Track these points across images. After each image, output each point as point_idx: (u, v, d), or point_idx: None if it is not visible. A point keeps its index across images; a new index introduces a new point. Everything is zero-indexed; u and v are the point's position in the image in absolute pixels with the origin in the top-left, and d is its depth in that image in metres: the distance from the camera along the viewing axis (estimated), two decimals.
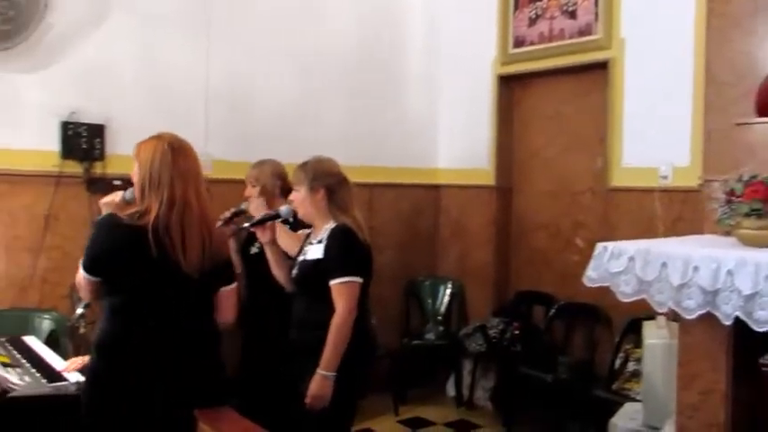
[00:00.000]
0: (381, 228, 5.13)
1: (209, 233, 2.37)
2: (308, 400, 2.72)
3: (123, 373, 2.28)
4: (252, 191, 3.69)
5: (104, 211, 2.51)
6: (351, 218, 2.89)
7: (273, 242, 3.02)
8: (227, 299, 2.49)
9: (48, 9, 3.89)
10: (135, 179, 2.40)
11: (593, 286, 2.71)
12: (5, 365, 2.72)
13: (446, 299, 5.35)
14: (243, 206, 3.60)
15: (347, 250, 2.81)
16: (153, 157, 2.34)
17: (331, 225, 2.89)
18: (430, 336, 5.22)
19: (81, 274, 2.34)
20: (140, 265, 2.27)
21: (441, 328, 5.26)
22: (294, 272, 2.96)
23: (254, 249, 3.68)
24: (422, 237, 5.52)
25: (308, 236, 3.08)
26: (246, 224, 3.06)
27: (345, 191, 2.93)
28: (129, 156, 3.98)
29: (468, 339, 4.88)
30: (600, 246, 2.66)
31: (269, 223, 3.00)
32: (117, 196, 2.53)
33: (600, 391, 4.08)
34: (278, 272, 3.04)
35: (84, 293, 2.38)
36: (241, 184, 3.81)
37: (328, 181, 2.91)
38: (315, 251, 2.87)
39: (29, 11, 3.80)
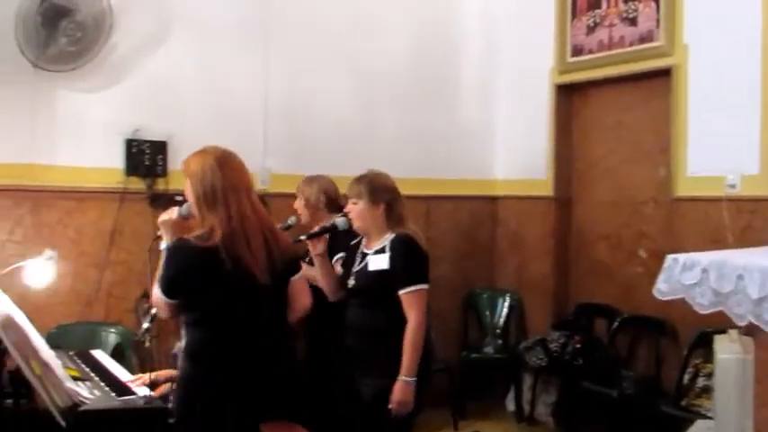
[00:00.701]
0: (439, 239, 5.10)
1: (273, 237, 2.43)
2: (393, 407, 2.78)
3: (214, 382, 2.36)
4: (298, 203, 3.76)
5: (163, 230, 2.55)
6: (409, 229, 2.96)
7: (325, 253, 3.07)
8: (298, 286, 2.54)
9: (112, 29, 4.00)
10: (189, 194, 2.45)
11: (663, 299, 2.64)
12: (76, 379, 2.78)
13: (504, 311, 5.29)
14: (290, 221, 3.67)
15: (414, 259, 2.88)
16: (203, 173, 2.38)
17: (390, 235, 2.95)
18: (489, 349, 5.17)
19: (159, 297, 2.41)
20: (216, 283, 2.33)
21: (499, 342, 5.20)
22: (351, 282, 3.00)
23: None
24: (479, 248, 5.48)
25: (349, 246, 3.13)
26: (303, 236, 3.10)
27: (401, 205, 3.01)
28: None
29: (528, 353, 4.81)
30: (670, 257, 2.59)
31: (324, 236, 3.06)
32: (173, 213, 2.58)
33: (668, 408, 3.97)
34: (325, 282, 3.09)
35: (164, 314, 2.47)
36: (289, 197, 3.86)
37: (388, 195, 2.98)
38: (378, 261, 2.91)
39: (95, 32, 3.91)
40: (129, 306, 4.12)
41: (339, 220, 3.07)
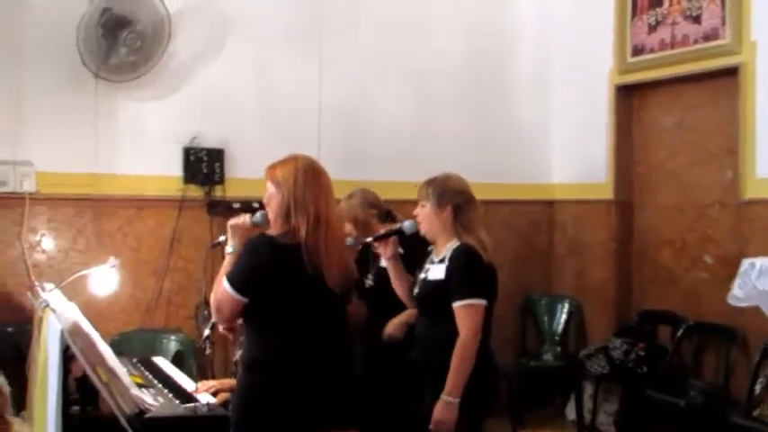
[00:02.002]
0: (495, 244, 5.00)
1: (344, 250, 2.46)
2: (432, 427, 2.70)
3: (275, 391, 2.34)
4: (347, 226, 3.62)
5: (230, 234, 2.56)
6: (475, 238, 2.86)
7: (396, 257, 3.03)
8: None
9: (171, 38, 4.06)
10: (271, 201, 2.46)
11: (738, 306, 2.56)
12: (140, 386, 2.81)
13: (563, 318, 5.21)
14: (350, 241, 3.53)
15: (470, 272, 2.80)
16: (296, 178, 2.40)
17: (454, 244, 2.88)
18: (548, 357, 5.11)
19: (226, 294, 2.37)
20: (297, 284, 2.34)
21: (558, 349, 5.14)
22: (416, 290, 2.97)
23: (368, 282, 3.59)
24: (537, 254, 5.43)
25: (425, 252, 3.08)
26: (369, 238, 3.07)
27: (472, 210, 2.92)
28: (247, 179, 4.21)
29: (589, 361, 4.72)
30: (746, 262, 2.52)
31: (392, 238, 3.01)
32: (246, 219, 2.59)
33: (738, 418, 3.84)
34: (399, 287, 3.06)
35: (225, 314, 2.41)
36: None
37: (456, 199, 2.90)
38: (437, 271, 2.86)
39: (154, 41, 3.97)
40: (189, 313, 4.17)
41: (406, 224, 3.01)
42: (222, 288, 2.37)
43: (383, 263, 3.10)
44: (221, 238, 2.74)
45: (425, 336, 2.88)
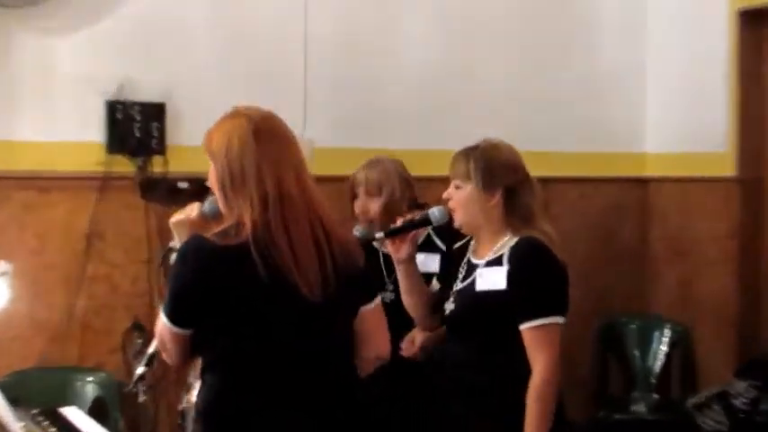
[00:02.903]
0: (561, 241, 5.05)
1: (327, 234, 2.40)
2: None
3: None
4: (372, 203, 3.62)
5: (177, 235, 2.60)
6: (539, 231, 2.91)
7: (412, 259, 3.06)
8: (373, 321, 2.54)
9: None
10: (213, 181, 2.45)
11: None
12: None
13: (662, 350, 5.21)
14: (358, 232, 3.54)
15: (546, 277, 2.86)
16: (229, 145, 2.38)
17: (510, 240, 2.92)
18: (639, 407, 5.11)
19: (163, 327, 2.41)
20: (248, 300, 2.33)
21: (655, 396, 5.15)
22: (449, 306, 2.99)
23: (387, 295, 3.52)
24: (622, 255, 5.45)
25: (450, 250, 3.16)
26: (379, 233, 3.06)
27: (529, 193, 2.96)
28: (200, 146, 4.12)
29: (700, 413, 4.71)
30: None
31: (413, 233, 3.03)
32: (193, 211, 2.57)
33: None
34: (411, 301, 3.11)
35: (170, 353, 2.45)
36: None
37: (509, 179, 2.92)
38: (491, 277, 2.89)
39: None
40: (115, 343, 4.15)
41: (435, 211, 3.02)
42: (159, 319, 2.44)
43: None
44: (173, 243, 2.75)
45: (462, 372, 2.92)
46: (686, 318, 5.21)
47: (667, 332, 5.22)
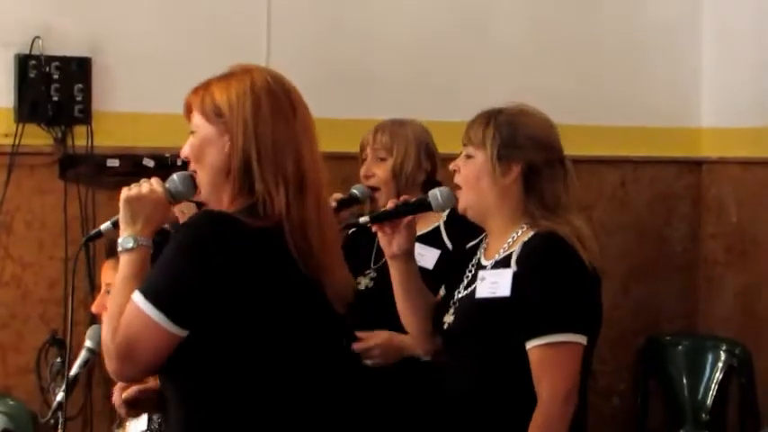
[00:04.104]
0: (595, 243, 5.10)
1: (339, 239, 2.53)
2: None
3: None
4: (379, 167, 3.77)
5: (129, 216, 2.51)
6: (566, 224, 2.92)
7: (409, 255, 3.09)
8: None
9: None
10: (204, 150, 2.47)
11: None
12: None
13: (717, 377, 5.22)
14: (356, 191, 3.70)
15: (564, 283, 2.85)
16: (257, 105, 2.41)
17: (524, 233, 2.95)
18: None
19: (149, 324, 2.32)
20: (282, 297, 2.38)
21: None
22: (448, 319, 3.02)
23: (363, 282, 3.75)
24: (669, 258, 5.51)
25: (462, 249, 3.19)
26: (363, 217, 3.11)
27: (560, 179, 2.98)
28: (137, 114, 4.19)
29: None
30: None
31: (407, 218, 3.04)
32: (156, 187, 2.51)
33: None
34: (408, 312, 3.14)
35: (142, 360, 2.36)
36: (337, 159, 3.82)
37: (534, 155, 2.95)
38: (496, 282, 2.92)
39: None
40: (27, 362, 4.19)
41: (438, 193, 3.07)
42: (135, 315, 2.34)
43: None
44: (106, 225, 2.68)
45: (461, 396, 2.95)
46: (747, 338, 5.21)
47: (723, 355, 5.20)
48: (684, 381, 5.27)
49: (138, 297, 2.32)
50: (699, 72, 5.50)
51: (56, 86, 4.22)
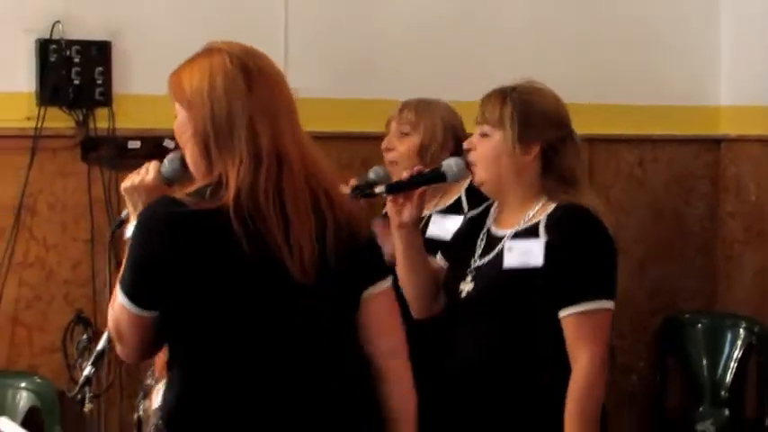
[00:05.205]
0: (610, 219, 5.11)
1: (330, 202, 2.48)
2: None
3: None
4: (401, 142, 3.82)
5: (131, 203, 2.64)
6: (583, 196, 2.99)
7: (415, 225, 3.12)
8: (383, 305, 2.58)
9: None
10: (182, 134, 2.52)
11: None
12: None
13: (736, 355, 5.28)
14: (372, 174, 3.77)
15: (597, 253, 2.95)
16: (212, 87, 2.43)
17: (546, 206, 3.00)
18: (706, 426, 5.21)
19: (121, 309, 2.43)
20: (227, 277, 2.39)
21: (726, 413, 5.24)
22: (466, 287, 3.06)
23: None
24: (687, 237, 5.55)
25: (468, 219, 3.29)
26: (380, 188, 3.13)
27: (572, 153, 3.05)
28: (155, 96, 4.24)
29: None
30: None
31: (420, 189, 3.07)
32: (150, 173, 2.61)
33: None
34: (410, 279, 3.17)
35: (127, 342, 2.48)
36: (349, 139, 3.92)
37: (551, 133, 3.01)
38: (524, 251, 2.96)
39: None
40: (53, 340, 4.26)
41: (453, 163, 3.12)
42: (115, 300, 2.47)
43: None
44: (125, 213, 2.79)
45: (480, 366, 3.00)
46: (766, 316, 5.26)
47: (742, 333, 5.27)
48: (703, 359, 5.34)
49: (117, 285, 2.44)
50: (717, 50, 5.50)
51: (76, 70, 4.29)
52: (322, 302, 2.48)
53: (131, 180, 2.62)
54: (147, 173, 2.61)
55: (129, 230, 2.57)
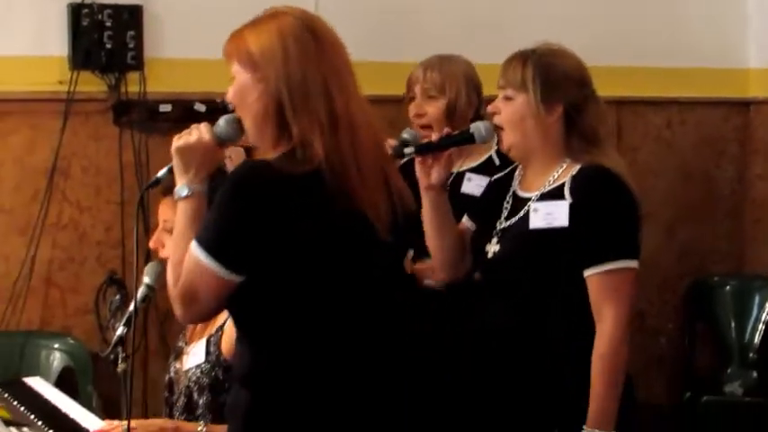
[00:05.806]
0: (637, 181, 5.11)
1: (390, 166, 2.58)
2: None
3: (299, 418, 2.50)
4: (431, 105, 3.86)
5: (181, 164, 2.60)
6: (606, 157, 3.03)
7: (443, 187, 3.15)
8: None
9: None
10: (244, 97, 2.54)
11: None
12: (7, 423, 2.97)
13: (764, 318, 5.30)
14: (407, 135, 3.77)
15: (621, 213, 2.98)
16: (286, 48, 2.45)
17: (570, 167, 3.03)
18: (734, 387, 5.23)
19: (204, 272, 2.44)
20: (325, 241, 2.45)
21: (754, 374, 5.27)
22: (492, 248, 3.10)
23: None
24: (716, 200, 5.57)
25: (491, 181, 3.33)
26: (409, 149, 3.17)
27: (595, 115, 3.08)
28: (188, 60, 4.32)
29: None
30: None
31: (447, 151, 3.11)
32: (204, 134, 2.57)
33: None
34: (437, 241, 3.21)
35: (203, 306, 2.50)
36: (382, 102, 3.87)
37: (573, 94, 3.04)
38: (549, 212, 2.99)
39: None
40: (85, 301, 4.32)
41: (481, 126, 3.13)
42: (193, 262, 2.46)
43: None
44: (163, 172, 2.74)
45: (507, 328, 3.04)
46: None
47: None
48: (732, 321, 5.36)
49: (194, 245, 2.43)
50: (746, 11, 5.48)
51: (108, 34, 4.34)
52: (395, 259, 2.63)
53: (185, 140, 2.58)
54: (204, 133, 2.58)
55: (180, 191, 2.58)
